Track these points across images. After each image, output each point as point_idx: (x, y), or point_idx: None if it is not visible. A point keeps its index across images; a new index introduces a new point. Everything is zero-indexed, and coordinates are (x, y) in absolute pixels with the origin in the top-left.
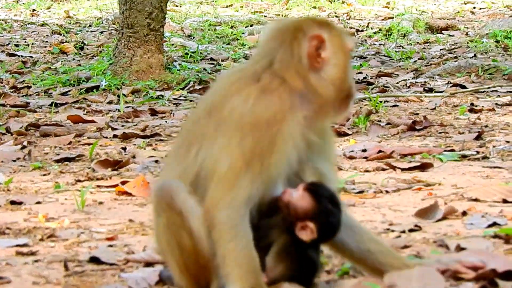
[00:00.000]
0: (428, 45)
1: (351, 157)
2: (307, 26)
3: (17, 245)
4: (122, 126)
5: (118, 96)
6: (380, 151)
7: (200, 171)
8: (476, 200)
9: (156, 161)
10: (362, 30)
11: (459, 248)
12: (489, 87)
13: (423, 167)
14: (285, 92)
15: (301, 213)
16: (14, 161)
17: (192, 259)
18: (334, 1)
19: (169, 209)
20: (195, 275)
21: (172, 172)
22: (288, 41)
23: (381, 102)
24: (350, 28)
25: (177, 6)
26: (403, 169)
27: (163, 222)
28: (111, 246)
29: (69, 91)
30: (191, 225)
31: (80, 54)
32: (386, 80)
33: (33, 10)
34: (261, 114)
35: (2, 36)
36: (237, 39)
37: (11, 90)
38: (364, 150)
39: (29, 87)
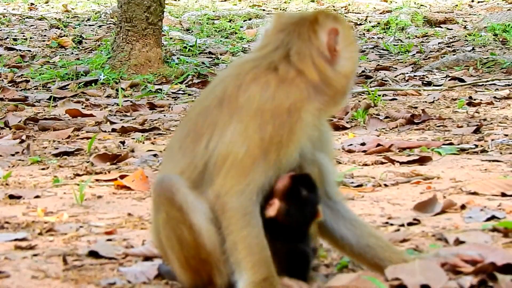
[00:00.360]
0: (427, 39)
1: (349, 151)
2: (323, 19)
3: (16, 239)
4: (121, 120)
5: (117, 90)
6: (378, 145)
7: (209, 160)
8: (474, 193)
9: (155, 155)
10: (360, 24)
11: (458, 242)
12: (487, 81)
13: (422, 160)
14: (302, 83)
15: (274, 191)
16: (13, 155)
17: (192, 254)
18: None
19: (169, 204)
20: (196, 269)
21: (177, 165)
22: (306, 34)
23: (379, 95)
24: (349, 21)
25: (175, 0)
26: (401, 163)
27: (162, 217)
28: (110, 240)
29: (68, 85)
30: (192, 220)
31: (78, 48)
32: (384, 74)
33: (31, 4)
34: (282, 101)
35: (0, 30)
36: (236, 33)
37: (10, 84)
38: (363, 144)
39: (27, 81)
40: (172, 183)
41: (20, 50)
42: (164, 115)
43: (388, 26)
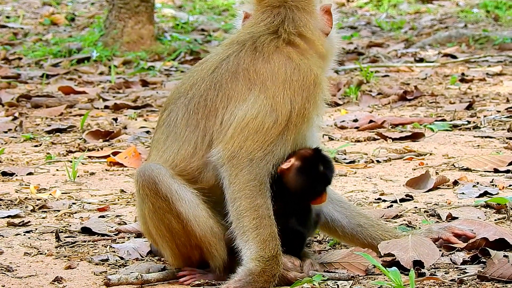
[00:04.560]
0: (419, 15)
1: (342, 127)
2: None
3: (9, 216)
4: (113, 97)
5: (109, 67)
6: (371, 121)
7: (225, 130)
8: (467, 169)
9: (148, 132)
10: (352, 0)
11: (451, 218)
12: (479, 57)
13: (414, 137)
14: (315, 55)
15: (295, 153)
16: (6, 132)
17: (183, 241)
18: None
19: (154, 194)
20: (188, 255)
21: (187, 141)
22: (308, 10)
23: (372, 72)
24: None
25: None
26: (394, 139)
27: (148, 207)
28: (102, 216)
29: (60, 62)
30: (178, 209)
31: (71, 25)
32: (377, 50)
33: None
34: (307, 73)
35: None
36: (228, 10)
37: (2, 62)
38: (355, 120)
39: (20, 59)
40: (155, 174)
41: (12, 28)
42: (157, 92)
43: (380, 3)
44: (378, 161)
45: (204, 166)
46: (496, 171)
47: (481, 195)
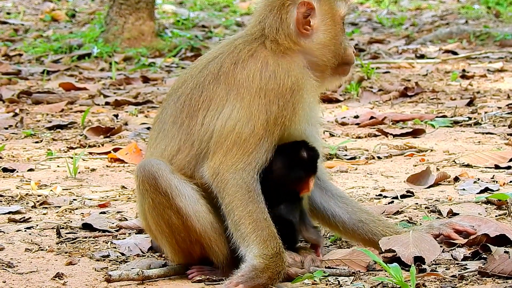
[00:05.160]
0: (420, 12)
1: (343, 124)
2: None
3: (10, 212)
4: (114, 93)
5: (110, 63)
6: (372, 118)
7: (205, 136)
8: (468, 166)
9: (148, 128)
10: None
11: (452, 214)
12: (480, 53)
13: (415, 133)
14: (295, 57)
15: None
16: (6, 128)
17: (183, 237)
18: None
19: (154, 190)
20: (188, 251)
21: (172, 140)
22: (283, 10)
23: (372, 68)
24: None
25: None
26: (395, 135)
27: (148, 203)
28: (103, 213)
29: (61, 58)
30: (178, 204)
31: (71, 21)
32: (377, 47)
33: None
34: (284, 80)
35: None
36: (229, 6)
37: (3, 58)
38: (356, 117)
39: (20, 55)
40: (154, 169)
41: (13, 24)
42: (158, 88)
43: None
44: (379, 157)
45: (194, 164)
46: (497, 167)
47: (482, 191)
